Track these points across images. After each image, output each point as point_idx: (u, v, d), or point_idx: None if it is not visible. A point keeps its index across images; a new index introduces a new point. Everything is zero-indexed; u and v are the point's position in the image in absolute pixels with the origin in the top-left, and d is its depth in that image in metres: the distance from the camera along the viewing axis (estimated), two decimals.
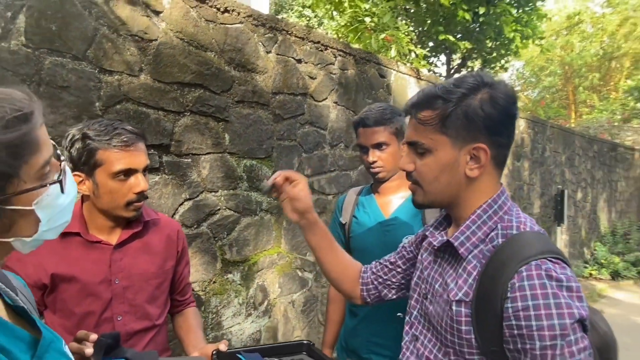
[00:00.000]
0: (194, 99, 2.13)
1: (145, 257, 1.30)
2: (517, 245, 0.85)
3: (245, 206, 2.41)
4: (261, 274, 2.53)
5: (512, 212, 0.93)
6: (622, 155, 10.35)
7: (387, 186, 1.64)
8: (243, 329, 2.44)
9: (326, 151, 2.94)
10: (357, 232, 1.67)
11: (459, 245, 0.92)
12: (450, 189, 0.93)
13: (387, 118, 1.55)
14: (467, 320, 0.86)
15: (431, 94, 0.92)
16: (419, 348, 1.00)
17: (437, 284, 0.97)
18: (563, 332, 0.75)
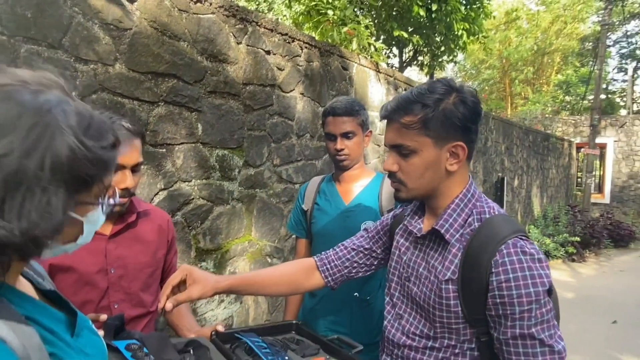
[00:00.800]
0: (167, 89, 2.14)
1: (138, 246, 1.34)
2: (492, 227, 1.00)
3: (218, 195, 2.46)
4: (233, 261, 2.59)
5: (482, 199, 1.08)
6: (553, 145, 11.25)
7: (349, 175, 1.75)
8: (216, 314, 2.50)
9: (293, 141, 3.02)
10: (318, 218, 1.77)
11: (445, 232, 1.04)
12: (433, 183, 1.05)
13: (356, 110, 1.67)
14: (455, 295, 1.00)
15: (409, 100, 1.01)
16: (404, 325, 1.12)
17: (420, 267, 1.09)
18: (537, 298, 0.92)
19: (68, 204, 0.56)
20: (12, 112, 0.51)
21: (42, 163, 0.51)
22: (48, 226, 0.53)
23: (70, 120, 0.54)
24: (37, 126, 0.51)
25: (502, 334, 0.94)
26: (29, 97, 0.53)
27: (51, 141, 0.52)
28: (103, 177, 0.61)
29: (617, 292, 6.36)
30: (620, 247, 10.08)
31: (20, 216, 0.50)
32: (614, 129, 12.95)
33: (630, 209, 12.66)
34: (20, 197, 0.50)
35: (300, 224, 1.86)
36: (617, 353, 4.04)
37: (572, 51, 19.93)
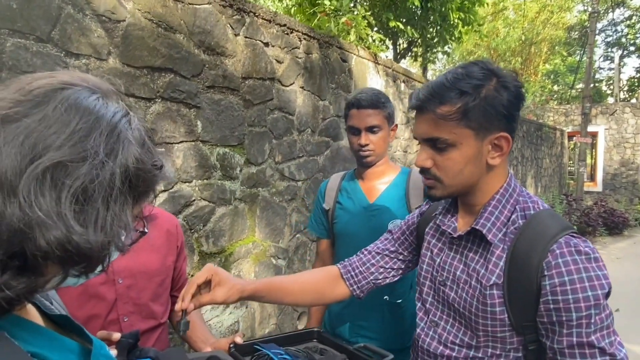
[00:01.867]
0: (164, 84, 2.02)
1: (146, 253, 1.25)
2: (539, 225, 0.91)
3: (220, 196, 2.35)
4: (237, 264, 2.49)
5: (524, 194, 0.99)
6: (546, 135, 11.30)
7: (372, 171, 1.66)
8: (222, 321, 2.40)
9: (295, 137, 2.93)
10: (341, 217, 1.68)
11: (487, 231, 0.94)
12: (472, 179, 0.95)
13: (382, 102, 1.57)
14: (500, 301, 0.91)
15: (445, 87, 0.90)
16: (441, 334, 1.03)
17: (458, 270, 1.00)
18: (596, 302, 0.83)
19: None
20: (88, 118, 0.50)
21: (114, 172, 0.50)
22: (121, 239, 0.53)
23: (134, 133, 0.55)
24: (112, 135, 0.51)
25: (557, 342, 0.86)
26: (100, 103, 0.53)
27: (122, 151, 0.52)
28: (148, 198, 0.59)
29: (616, 280, 6.36)
30: (614, 235, 10.18)
31: (97, 226, 0.49)
32: (604, 117, 13.06)
33: (623, 196, 12.80)
34: (97, 206, 0.49)
35: (321, 224, 1.77)
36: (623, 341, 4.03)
37: (559, 40, 20.06)
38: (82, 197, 0.48)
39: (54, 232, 0.45)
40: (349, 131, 1.63)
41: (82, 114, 0.50)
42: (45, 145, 0.47)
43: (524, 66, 19.72)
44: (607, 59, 24.70)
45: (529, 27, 18.88)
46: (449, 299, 1.02)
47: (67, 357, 0.55)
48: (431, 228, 1.13)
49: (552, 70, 21.51)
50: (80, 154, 0.48)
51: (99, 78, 0.58)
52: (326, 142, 3.26)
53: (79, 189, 0.47)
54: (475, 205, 0.99)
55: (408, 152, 4.41)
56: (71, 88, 0.52)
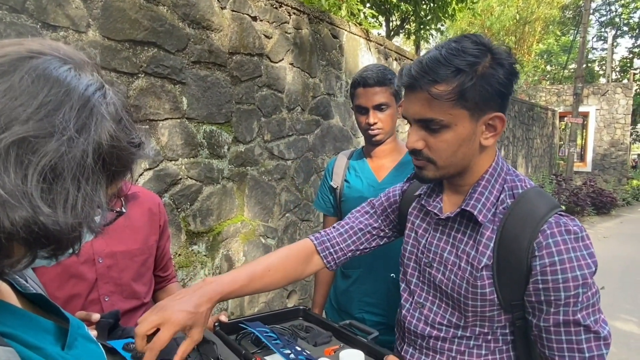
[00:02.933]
0: (147, 59, 1.95)
1: (127, 233, 1.22)
2: (528, 204, 0.90)
3: (207, 174, 2.32)
4: (226, 243, 2.47)
5: (511, 172, 0.97)
6: (538, 115, 11.31)
7: (381, 149, 1.64)
8: None
9: (284, 115, 2.88)
10: (349, 196, 1.67)
11: (478, 213, 0.92)
12: (465, 160, 0.92)
13: (389, 79, 1.53)
14: (490, 282, 0.90)
15: (439, 63, 0.85)
16: (427, 315, 1.02)
17: (445, 252, 0.98)
18: (584, 282, 0.83)
19: None
20: (57, 90, 0.47)
21: (86, 149, 0.48)
22: (92, 220, 0.50)
23: (109, 108, 0.52)
24: (84, 109, 0.48)
25: (544, 320, 0.86)
26: (72, 75, 0.49)
27: (95, 127, 0.49)
28: (124, 177, 0.56)
29: (602, 258, 6.49)
30: (602, 214, 10.33)
31: (67, 206, 0.47)
32: (596, 98, 13.08)
33: (612, 176, 12.95)
34: (66, 186, 0.47)
35: (329, 202, 1.76)
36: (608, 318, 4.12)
37: (553, 20, 19.92)
38: (50, 176, 0.45)
39: (19, 212, 0.43)
40: (356, 110, 1.61)
41: (51, 86, 0.47)
42: (10, 118, 0.44)
43: (518, 45, 19.60)
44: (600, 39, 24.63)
45: (523, 5, 18.69)
46: (435, 281, 1.00)
47: (42, 336, 0.53)
48: (414, 208, 1.10)
49: (546, 50, 21.41)
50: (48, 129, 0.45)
51: (72, 47, 0.54)
52: (316, 121, 3.22)
53: (47, 167, 0.45)
54: (464, 185, 0.97)
55: (399, 131, 4.37)
56: (40, 57, 0.48)
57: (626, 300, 4.80)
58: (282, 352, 1.02)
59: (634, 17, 21.72)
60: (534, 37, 20.11)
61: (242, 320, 1.22)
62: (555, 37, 21.51)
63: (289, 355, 0.99)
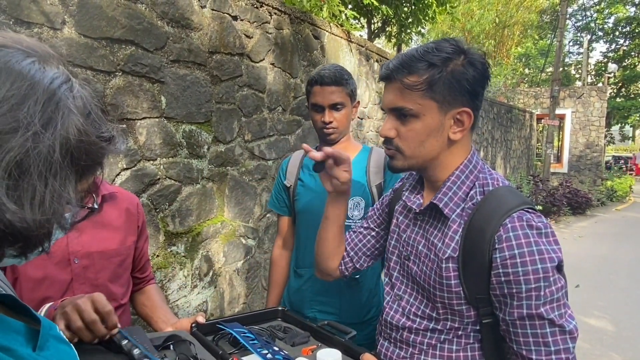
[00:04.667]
0: (125, 57, 1.93)
1: (104, 233, 1.21)
2: (496, 200, 0.92)
3: (187, 175, 2.29)
4: (205, 244, 2.45)
5: (485, 170, 1.00)
6: (516, 117, 11.54)
7: (336, 148, 1.64)
8: (189, 301, 2.37)
9: (265, 115, 2.87)
10: (302, 194, 1.67)
11: (444, 206, 0.96)
12: (432, 152, 0.96)
13: (345, 78, 1.55)
14: (455, 274, 0.93)
15: (414, 58, 0.92)
16: (404, 306, 1.05)
17: (419, 245, 1.02)
18: (545, 275, 0.85)
19: None
20: (20, 84, 0.46)
21: (53, 144, 0.47)
22: (62, 217, 0.50)
23: (76, 101, 0.51)
24: (49, 103, 0.47)
25: (509, 314, 0.88)
26: (36, 68, 0.48)
27: (62, 121, 0.48)
28: (94, 172, 0.55)
29: (577, 257, 6.67)
30: (577, 214, 10.60)
31: (34, 203, 0.46)
32: (572, 100, 13.42)
33: (587, 177, 13.30)
34: (33, 182, 0.46)
35: (282, 201, 1.75)
36: (582, 315, 4.23)
37: (532, 24, 20.35)
38: (15, 172, 0.44)
39: None
40: (311, 108, 1.61)
41: (14, 79, 0.46)
42: None
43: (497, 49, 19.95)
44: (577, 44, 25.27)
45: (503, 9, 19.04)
46: (412, 273, 1.03)
47: (12, 337, 0.52)
48: (400, 205, 1.14)
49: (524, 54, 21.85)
50: (12, 124, 0.44)
51: (36, 40, 0.53)
52: (297, 121, 3.22)
53: (12, 163, 0.44)
54: (437, 181, 1.01)
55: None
56: (2, 50, 0.48)
57: (600, 298, 4.94)
58: (259, 352, 1.02)
59: (608, 23, 22.36)
60: (513, 41, 20.50)
61: (219, 321, 1.21)
62: (533, 41, 21.97)
63: (266, 355, 0.99)
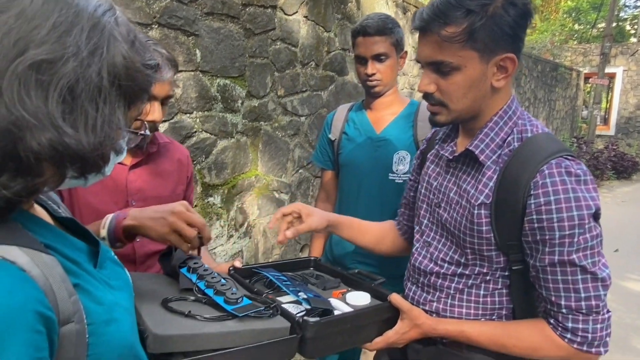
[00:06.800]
0: (160, 9, 1.94)
1: (158, 180, 1.27)
2: (534, 146, 0.90)
3: (222, 128, 2.34)
4: (240, 196, 2.53)
5: (524, 116, 0.97)
6: (561, 75, 10.91)
7: (381, 102, 1.64)
8: (226, 249, 2.48)
9: (298, 70, 2.85)
10: (347, 148, 1.68)
11: (479, 153, 0.95)
12: (476, 103, 0.94)
13: (389, 28, 1.51)
14: (487, 221, 0.92)
15: (450, 5, 0.86)
16: (433, 252, 1.06)
17: (451, 192, 1.01)
18: (580, 222, 0.83)
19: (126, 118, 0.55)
20: (67, 12, 0.47)
21: (100, 70, 0.49)
22: (115, 139, 0.52)
23: (120, 29, 0.52)
24: (95, 30, 0.49)
25: (540, 260, 0.88)
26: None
27: (108, 48, 0.50)
28: (142, 99, 0.57)
29: (618, 222, 6.43)
30: (622, 179, 10.13)
31: (87, 127, 0.48)
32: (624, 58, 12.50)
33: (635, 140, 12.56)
34: (85, 107, 0.48)
35: (326, 154, 1.77)
36: (619, 279, 4.14)
37: None
38: (69, 97, 0.47)
39: (45, 134, 0.45)
40: (356, 60, 1.60)
41: (61, 7, 0.47)
42: (27, 41, 0.45)
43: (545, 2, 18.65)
44: None
45: None
46: (442, 220, 1.04)
47: (76, 253, 0.57)
48: (432, 154, 1.13)
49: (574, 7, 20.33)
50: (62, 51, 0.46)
51: None
52: (331, 77, 3.18)
53: (65, 89, 0.46)
54: (475, 128, 0.99)
55: (416, 89, 4.29)
56: None
57: (638, 262, 4.79)
58: (292, 291, 1.06)
59: None
60: None
61: (255, 266, 1.27)
62: None
63: (299, 294, 1.04)
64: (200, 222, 0.91)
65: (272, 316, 0.85)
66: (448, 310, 1.02)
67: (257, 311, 0.83)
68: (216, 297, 0.85)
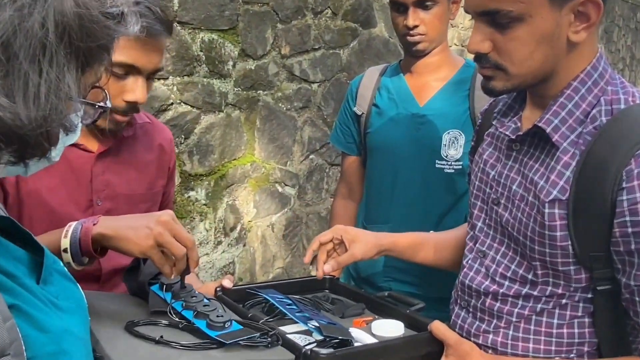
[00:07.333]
0: None
1: (132, 173, 1.28)
2: (629, 122, 0.89)
3: (206, 99, 2.37)
4: (231, 190, 2.55)
5: (615, 81, 0.96)
6: None
7: (425, 63, 1.63)
8: (212, 261, 2.51)
9: (308, 20, 2.86)
10: (378, 125, 1.67)
11: (553, 130, 0.93)
12: (546, 65, 0.93)
13: None
14: (563, 223, 0.91)
15: None
16: (489, 265, 1.05)
17: (514, 184, 1.00)
18: None
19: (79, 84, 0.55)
20: None
21: (44, 21, 0.48)
22: (64, 113, 0.52)
23: None
24: None
25: (636, 278, 0.86)
26: None
27: None
28: (101, 60, 0.57)
29: None
30: None
31: (28, 96, 0.48)
32: None
33: None
34: (24, 69, 0.48)
35: (349, 134, 1.77)
36: None
37: None
38: (2, 57, 0.47)
39: None
40: (391, 7, 1.60)
41: None
42: None
43: None
44: None
45: None
46: (501, 221, 1.03)
47: (13, 265, 0.57)
48: (489, 134, 1.13)
49: None
50: None
51: None
52: (353, 30, 3.17)
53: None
54: (547, 97, 0.97)
55: None
56: None
57: None
58: (299, 317, 1.07)
59: None
60: None
61: (251, 286, 1.28)
62: None
63: (308, 321, 1.04)
64: (189, 240, 0.93)
65: (271, 346, 0.86)
66: (509, 345, 1.01)
67: (251, 338, 0.83)
68: (197, 320, 0.86)
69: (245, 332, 0.85)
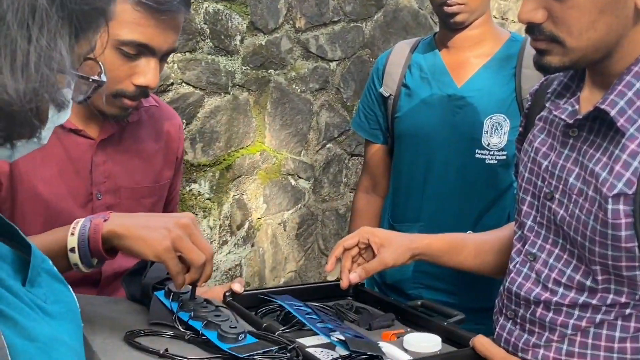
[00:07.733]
0: None
1: (137, 163, 1.29)
2: None
3: (210, 79, 2.37)
4: (238, 183, 2.56)
5: None
6: None
7: (465, 36, 1.63)
8: (216, 263, 2.52)
9: None
10: (408, 109, 1.68)
11: (618, 114, 0.93)
12: (609, 37, 0.92)
13: None
14: (628, 221, 0.91)
15: None
16: (540, 270, 1.05)
17: (571, 176, 1.00)
18: None
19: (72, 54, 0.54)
20: None
21: None
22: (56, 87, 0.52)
23: None
24: None
25: None
26: None
27: None
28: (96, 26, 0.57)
29: None
30: None
31: (15, 66, 0.48)
32: None
33: None
34: (12, 36, 0.48)
35: (374, 120, 1.78)
36: None
37: None
38: None
39: None
40: None
41: None
42: None
43: None
44: None
45: None
46: (556, 219, 1.03)
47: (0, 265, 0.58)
48: (541, 118, 1.12)
49: None
50: None
51: None
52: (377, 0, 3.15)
53: None
54: (611, 75, 0.97)
55: (510, 20, 4.21)
56: None
57: None
58: (320, 328, 1.06)
59: None
60: None
61: (264, 291, 1.27)
62: None
63: (331, 333, 1.03)
64: (209, 250, 0.95)
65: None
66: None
67: (267, 352, 0.84)
68: (207, 330, 0.87)
69: (261, 345, 0.87)
